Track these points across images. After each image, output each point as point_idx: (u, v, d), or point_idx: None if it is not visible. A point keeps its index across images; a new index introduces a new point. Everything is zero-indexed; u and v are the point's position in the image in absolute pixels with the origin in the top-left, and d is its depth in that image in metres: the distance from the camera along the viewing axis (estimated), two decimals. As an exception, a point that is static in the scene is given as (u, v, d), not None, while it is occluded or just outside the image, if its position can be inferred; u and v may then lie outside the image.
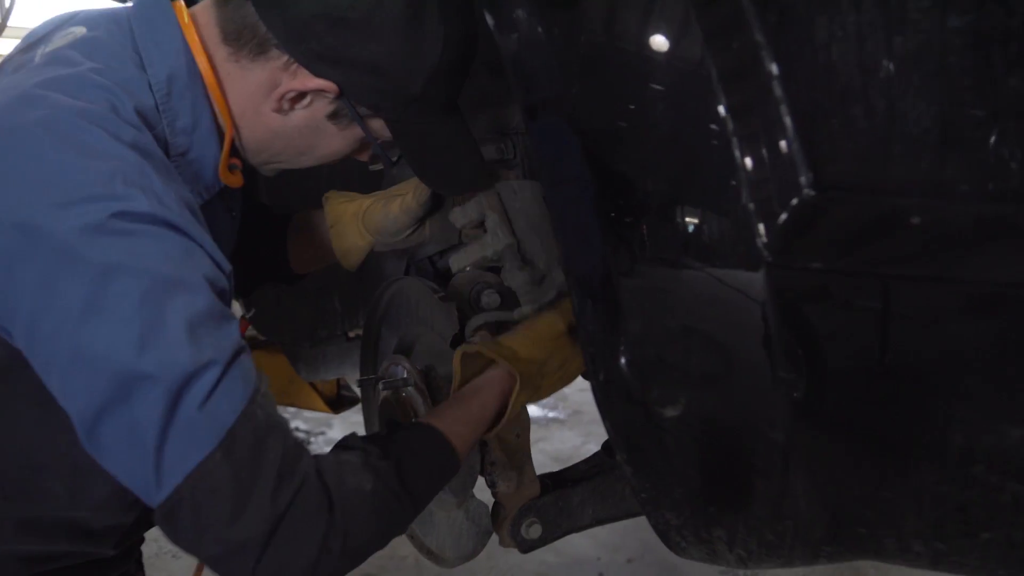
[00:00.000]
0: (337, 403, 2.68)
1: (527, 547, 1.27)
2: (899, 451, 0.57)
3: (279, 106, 0.97)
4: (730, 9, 0.59)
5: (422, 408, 1.26)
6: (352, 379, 2.57)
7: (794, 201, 0.56)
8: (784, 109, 0.56)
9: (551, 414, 5.45)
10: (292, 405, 2.77)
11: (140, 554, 1.25)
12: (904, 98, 0.53)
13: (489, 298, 1.24)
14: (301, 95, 0.94)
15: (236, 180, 1.05)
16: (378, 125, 1.00)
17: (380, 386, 1.32)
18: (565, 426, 5.19)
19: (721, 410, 0.65)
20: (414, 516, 1.03)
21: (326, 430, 5.09)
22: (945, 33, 0.50)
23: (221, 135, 1.00)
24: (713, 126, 0.59)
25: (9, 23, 3.51)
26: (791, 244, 0.57)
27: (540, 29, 0.70)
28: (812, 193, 0.55)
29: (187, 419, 0.79)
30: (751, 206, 0.57)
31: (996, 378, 0.52)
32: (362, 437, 1.03)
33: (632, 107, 0.64)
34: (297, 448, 0.89)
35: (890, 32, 0.52)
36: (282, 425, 0.90)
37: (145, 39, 0.95)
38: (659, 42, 0.63)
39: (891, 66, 0.53)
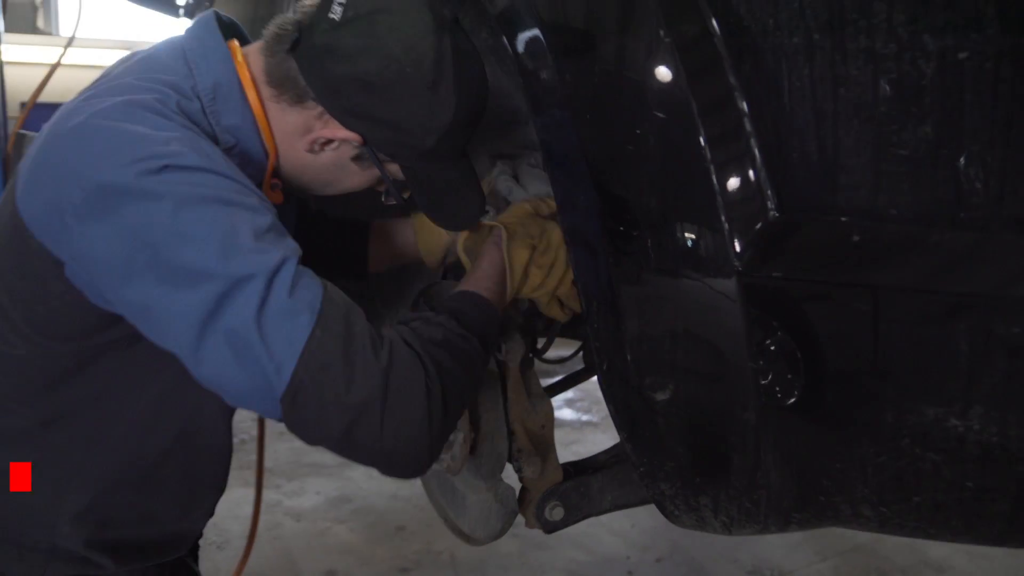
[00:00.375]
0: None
1: (550, 528, 1.38)
2: (845, 429, 0.67)
3: (311, 147, 1.10)
4: (708, 55, 0.71)
5: None
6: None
7: (760, 221, 0.67)
8: (753, 142, 0.67)
9: (584, 417, 5.54)
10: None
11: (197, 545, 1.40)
12: (847, 137, 0.64)
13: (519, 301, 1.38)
14: (330, 140, 1.08)
15: (277, 197, 1.15)
16: (395, 168, 1.13)
17: None
18: (598, 429, 5.28)
19: (702, 395, 0.76)
20: (485, 356, 1.09)
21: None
22: (876, 87, 0.61)
23: (265, 153, 1.11)
24: (695, 155, 0.70)
25: (78, 34, 3.67)
26: (758, 256, 0.68)
27: (557, 74, 0.82)
28: (776, 215, 0.67)
29: (281, 308, 0.91)
30: (726, 224, 0.68)
31: (915, 368, 0.62)
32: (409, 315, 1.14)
33: (630, 139, 0.76)
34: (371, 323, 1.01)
35: (836, 83, 0.64)
36: (356, 306, 1.01)
37: (195, 53, 1.07)
38: (651, 82, 0.75)
39: (837, 110, 0.64)
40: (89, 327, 1.03)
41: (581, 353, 1.75)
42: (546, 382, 1.56)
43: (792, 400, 0.68)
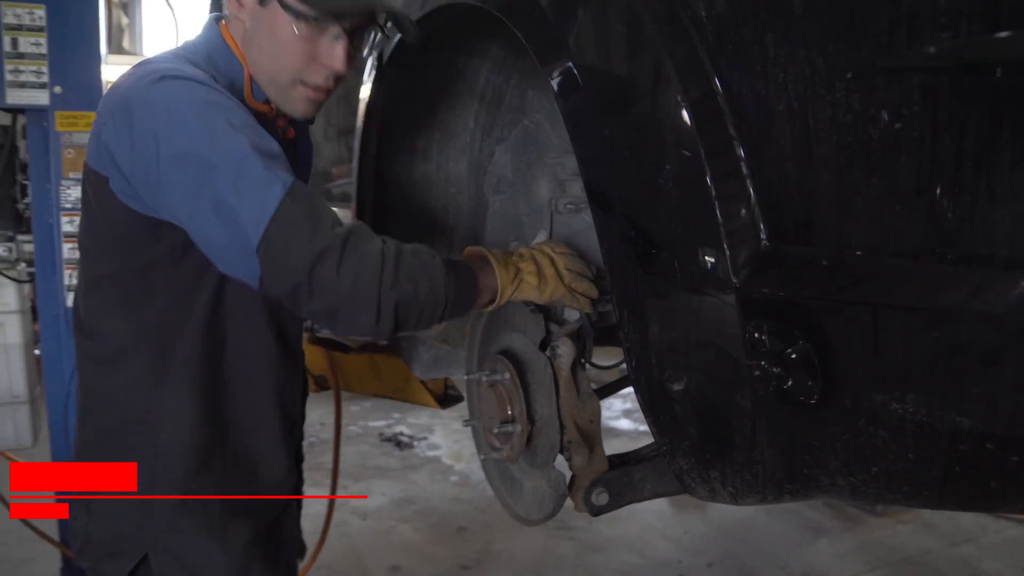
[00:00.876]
0: (444, 399, 3.02)
1: (596, 511, 1.49)
2: (818, 412, 0.84)
3: (239, 10, 1.40)
4: (713, 111, 0.89)
5: (518, 398, 1.48)
6: (456, 379, 2.89)
7: (754, 248, 0.85)
8: (748, 183, 0.85)
9: (641, 427, 5.66)
10: (407, 400, 3.11)
11: None
12: (819, 182, 0.81)
13: (569, 312, 1.50)
14: None
15: (264, 107, 1.45)
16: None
17: (483, 380, 1.55)
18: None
19: (709, 386, 0.93)
20: (446, 282, 1.28)
21: (428, 435, 5.43)
22: (841, 145, 0.79)
23: (240, 66, 1.43)
24: (703, 192, 0.88)
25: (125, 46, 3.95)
26: (751, 276, 0.86)
27: (597, 127, 1.01)
28: (767, 244, 0.84)
29: (256, 178, 1.18)
30: (727, 250, 0.86)
31: (865, 363, 0.79)
32: None
33: (653, 177, 0.94)
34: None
35: (812, 139, 0.81)
36: (325, 200, 1.26)
37: (196, 36, 1.46)
38: (669, 132, 0.92)
39: (813, 160, 0.81)
40: (141, 240, 1.33)
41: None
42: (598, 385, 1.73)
43: (777, 390, 0.85)
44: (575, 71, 1.08)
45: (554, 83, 1.11)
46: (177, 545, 1.45)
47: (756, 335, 0.85)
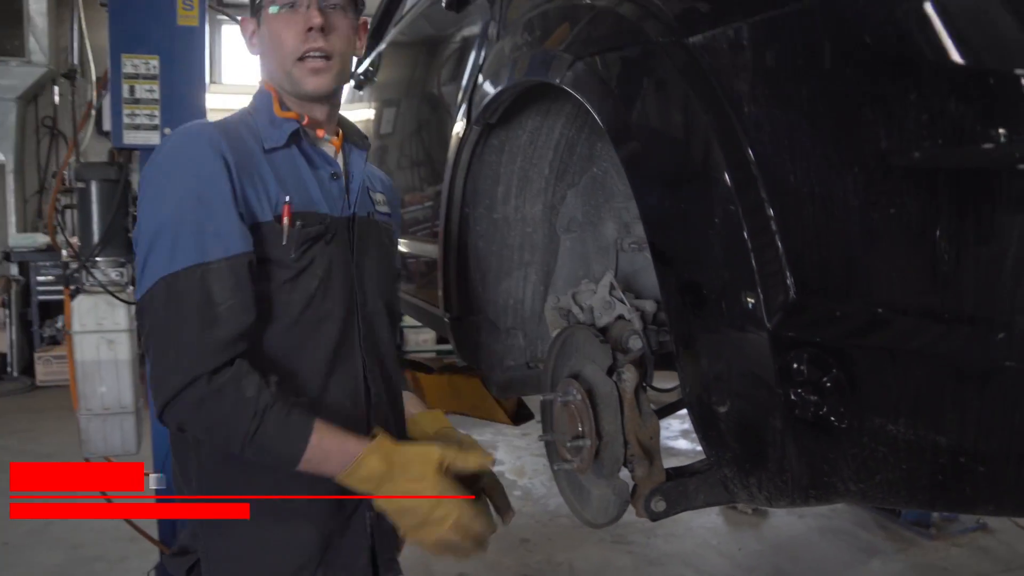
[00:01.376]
0: (517, 417, 3.24)
1: (654, 517, 1.62)
2: (832, 431, 1.05)
3: (251, 43, 1.66)
4: (745, 173, 1.10)
5: (588, 416, 1.60)
6: (528, 398, 3.09)
7: (784, 299, 1.06)
8: (778, 239, 1.06)
9: (698, 447, 5.76)
10: (482, 417, 3.34)
11: None
12: (833, 247, 1.02)
13: (634, 342, 1.63)
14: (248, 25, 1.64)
15: (292, 115, 1.60)
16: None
17: (557, 400, 1.68)
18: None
19: (748, 409, 1.14)
20: (238, 445, 1.40)
21: (492, 451, 5.64)
22: (849, 220, 1.00)
23: (268, 93, 1.63)
24: (742, 247, 1.09)
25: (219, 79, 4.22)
26: (781, 320, 1.07)
27: (658, 192, 1.24)
28: (794, 297, 1.05)
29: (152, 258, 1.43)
30: (761, 296, 1.07)
31: (866, 394, 0.99)
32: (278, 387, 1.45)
33: (703, 231, 1.16)
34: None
35: (828, 214, 1.02)
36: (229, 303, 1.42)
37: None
38: (714, 193, 1.14)
39: (829, 229, 1.02)
40: None
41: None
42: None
43: (801, 412, 1.06)
44: (635, 139, 1.31)
45: (618, 148, 1.34)
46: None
47: (786, 368, 1.06)
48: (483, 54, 2.10)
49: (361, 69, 4.00)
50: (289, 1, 1.56)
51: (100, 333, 3.20)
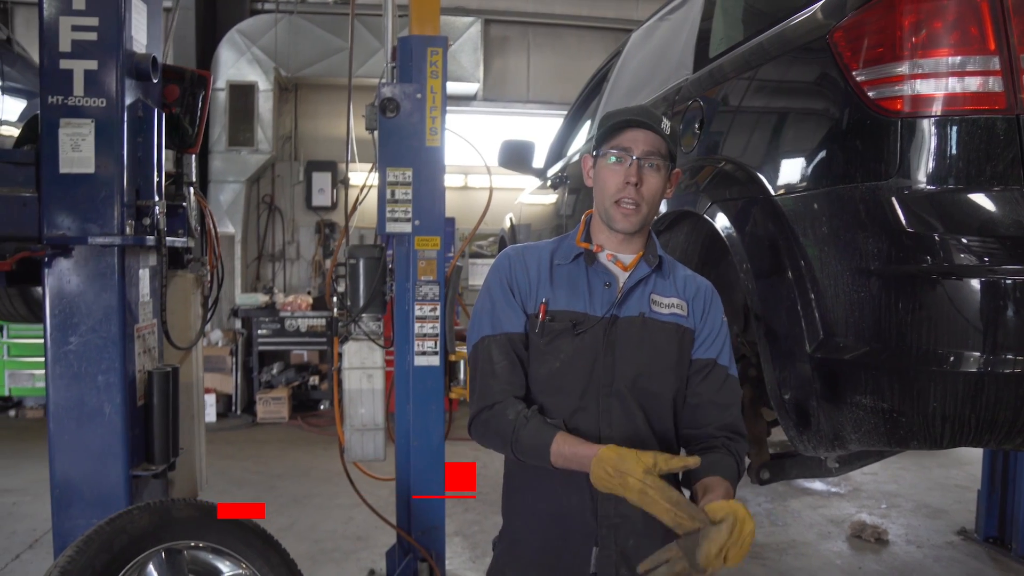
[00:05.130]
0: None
1: (762, 483, 2.58)
2: (839, 405, 2.02)
3: (589, 176, 2.04)
4: (799, 275, 2.10)
5: None
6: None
7: (816, 336, 2.05)
8: (814, 309, 2.05)
9: (833, 489, 6.48)
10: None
11: None
12: (841, 313, 2.01)
13: (748, 372, 2.76)
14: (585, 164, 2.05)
15: (584, 245, 2.01)
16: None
17: None
18: (844, 499, 6.18)
19: (799, 395, 2.13)
20: (509, 448, 1.91)
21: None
22: (875, 292, 1.99)
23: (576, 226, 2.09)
24: (797, 311, 2.10)
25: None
26: (814, 348, 2.05)
27: (756, 279, 2.27)
28: (822, 336, 2.04)
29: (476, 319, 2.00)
30: (806, 336, 2.06)
31: (854, 382, 1.97)
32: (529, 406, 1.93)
33: (777, 305, 2.17)
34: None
35: (840, 296, 2.01)
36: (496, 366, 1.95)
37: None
38: (783, 283, 2.15)
39: (835, 301, 2.01)
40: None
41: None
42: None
43: (829, 399, 2.04)
44: (742, 251, 2.33)
45: (734, 255, 2.37)
46: None
47: (817, 372, 2.05)
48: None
49: (552, 173, 5.21)
50: (619, 156, 1.92)
51: (363, 369, 4.25)
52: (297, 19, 9.95)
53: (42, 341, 3.03)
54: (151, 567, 2.73)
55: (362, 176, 4.30)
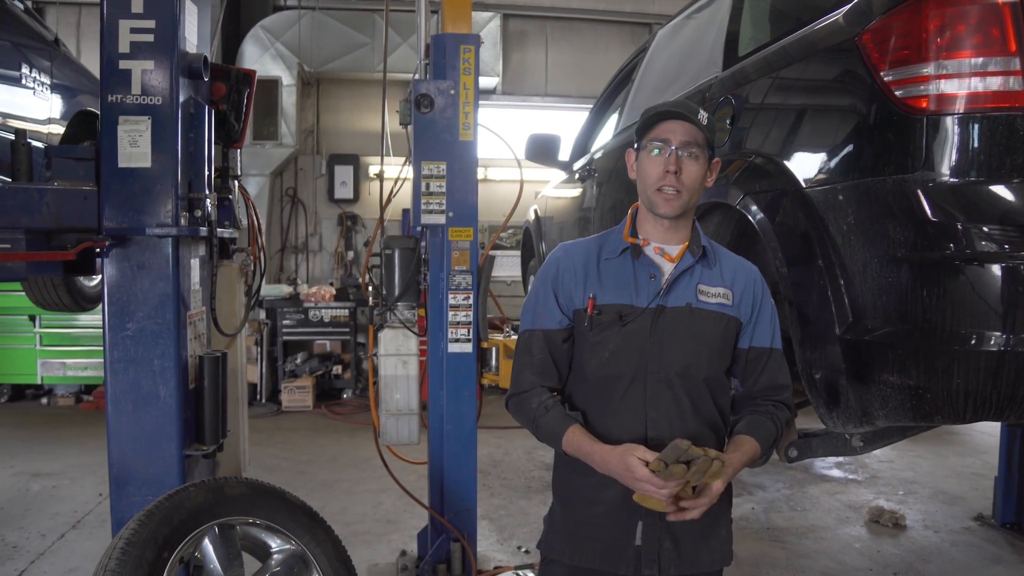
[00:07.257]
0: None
1: (790, 460, 2.72)
2: (867, 383, 2.16)
3: (632, 169, 2.12)
4: (829, 261, 2.24)
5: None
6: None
7: (845, 317, 2.19)
8: (844, 293, 2.19)
9: (851, 476, 6.59)
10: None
11: None
12: (869, 298, 2.15)
13: None
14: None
15: (632, 240, 2.10)
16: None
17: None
18: (862, 486, 6.29)
19: (829, 374, 2.28)
20: (532, 431, 2.14)
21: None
22: (901, 277, 2.13)
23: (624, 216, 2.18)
24: (827, 296, 2.24)
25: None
26: (844, 330, 2.20)
27: (788, 267, 2.41)
28: (850, 319, 2.18)
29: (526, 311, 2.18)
30: (835, 319, 2.21)
31: (882, 361, 2.11)
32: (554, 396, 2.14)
33: (809, 290, 2.31)
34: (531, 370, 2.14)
35: (868, 281, 2.15)
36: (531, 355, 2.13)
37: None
38: (814, 269, 2.29)
39: (866, 288, 2.15)
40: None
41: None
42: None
43: (857, 378, 2.18)
44: (773, 240, 2.47)
45: (766, 242, 2.51)
46: None
47: (846, 352, 2.19)
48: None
49: (578, 166, 5.35)
50: (659, 146, 2.00)
51: (398, 356, 4.39)
52: (319, 15, 10.11)
53: (73, 331, 3.14)
54: (206, 541, 2.87)
55: (385, 169, 4.38)
